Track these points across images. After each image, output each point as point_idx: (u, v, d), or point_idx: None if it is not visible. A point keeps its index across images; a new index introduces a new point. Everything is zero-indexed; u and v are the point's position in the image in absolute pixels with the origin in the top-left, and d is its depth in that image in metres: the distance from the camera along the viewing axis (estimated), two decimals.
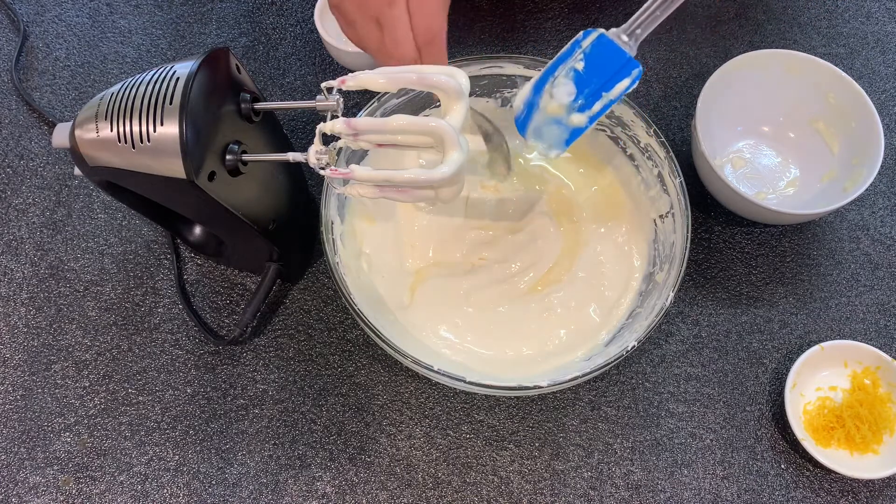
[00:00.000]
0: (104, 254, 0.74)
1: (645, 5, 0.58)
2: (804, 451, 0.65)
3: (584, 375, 0.60)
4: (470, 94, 0.59)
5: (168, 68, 0.56)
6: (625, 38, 0.59)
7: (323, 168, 0.57)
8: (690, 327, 0.72)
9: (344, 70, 0.81)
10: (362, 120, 0.56)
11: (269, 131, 0.65)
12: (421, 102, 0.71)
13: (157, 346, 0.71)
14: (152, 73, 0.56)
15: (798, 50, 0.74)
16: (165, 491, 0.66)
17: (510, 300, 0.70)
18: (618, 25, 0.60)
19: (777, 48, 0.75)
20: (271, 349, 0.71)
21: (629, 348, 0.60)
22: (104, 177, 0.59)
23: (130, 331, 0.71)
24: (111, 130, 0.55)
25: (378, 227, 0.72)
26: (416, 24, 0.57)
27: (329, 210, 0.65)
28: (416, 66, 0.57)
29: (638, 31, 0.59)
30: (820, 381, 0.69)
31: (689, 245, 0.64)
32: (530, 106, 0.62)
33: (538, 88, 0.61)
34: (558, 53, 0.61)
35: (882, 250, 0.75)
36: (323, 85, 0.56)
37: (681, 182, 0.66)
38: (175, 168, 0.54)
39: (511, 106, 0.74)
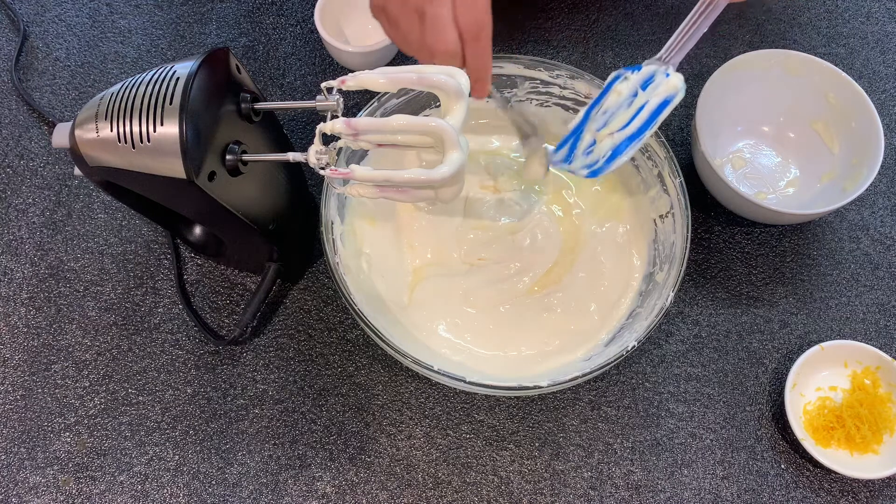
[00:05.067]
0: (104, 254, 0.74)
1: (672, 37, 0.60)
2: (804, 451, 0.65)
3: (584, 375, 0.60)
4: (469, 95, 0.59)
5: (168, 68, 0.56)
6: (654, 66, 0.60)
7: (323, 168, 0.57)
8: (690, 327, 0.72)
9: (344, 70, 0.81)
10: (362, 120, 0.56)
11: (269, 131, 0.65)
12: (421, 102, 0.71)
13: (157, 346, 0.71)
14: (152, 73, 0.56)
15: (798, 50, 0.74)
16: (165, 491, 0.66)
17: (510, 300, 0.70)
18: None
19: (777, 48, 0.75)
20: (271, 349, 0.71)
21: (629, 348, 0.60)
22: (104, 177, 0.59)
23: (130, 331, 0.71)
24: (111, 130, 0.55)
25: (378, 227, 0.72)
26: (461, 17, 0.53)
27: (329, 210, 0.65)
28: (417, 66, 0.57)
29: (672, 59, 0.60)
30: (820, 381, 0.69)
31: (689, 245, 0.64)
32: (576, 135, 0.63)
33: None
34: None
35: (882, 250, 0.75)
36: (323, 85, 0.56)
37: (681, 182, 0.66)
38: (175, 168, 0.54)
39: (511, 106, 0.74)
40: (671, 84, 0.58)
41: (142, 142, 0.54)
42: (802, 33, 0.85)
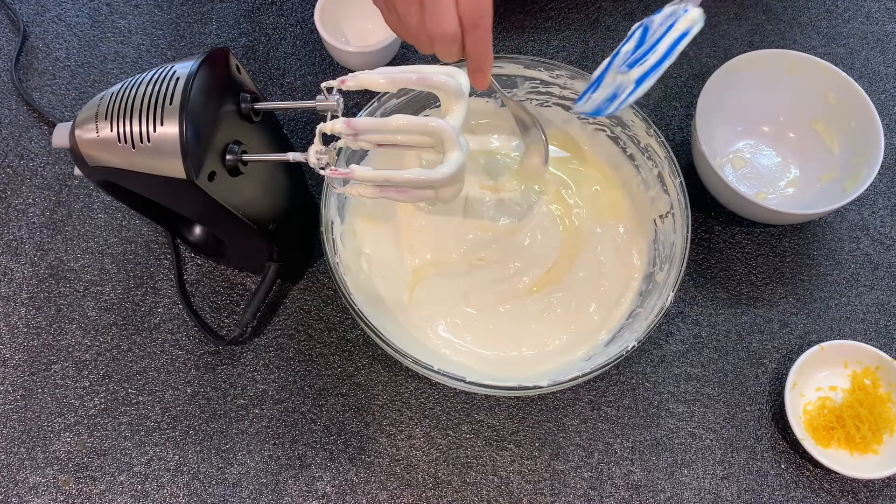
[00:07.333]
0: (104, 254, 0.74)
1: None
2: (804, 451, 0.65)
3: (584, 375, 0.60)
4: (470, 94, 0.59)
5: (168, 68, 0.56)
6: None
7: (323, 168, 0.57)
8: (690, 327, 0.72)
9: (344, 70, 0.81)
10: (362, 120, 0.57)
11: (269, 131, 0.65)
12: (421, 102, 0.71)
13: (157, 346, 0.71)
14: (152, 73, 0.56)
15: (798, 50, 0.74)
16: (165, 491, 0.66)
17: (510, 300, 0.70)
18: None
19: (777, 48, 0.75)
20: (271, 349, 0.71)
21: (629, 348, 0.60)
22: (104, 177, 0.59)
23: (130, 331, 0.71)
24: (111, 130, 0.55)
25: (378, 227, 0.72)
26: (462, 3, 0.52)
27: (329, 210, 0.65)
28: (417, 67, 0.57)
29: None
30: (820, 381, 0.69)
31: (689, 245, 0.64)
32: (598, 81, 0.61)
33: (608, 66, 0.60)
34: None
35: (882, 250, 0.75)
36: (323, 85, 0.57)
37: (681, 182, 0.66)
38: (175, 168, 0.54)
39: (514, 95, 0.74)
40: (690, 17, 0.57)
41: (142, 142, 0.54)
42: (802, 33, 0.85)
